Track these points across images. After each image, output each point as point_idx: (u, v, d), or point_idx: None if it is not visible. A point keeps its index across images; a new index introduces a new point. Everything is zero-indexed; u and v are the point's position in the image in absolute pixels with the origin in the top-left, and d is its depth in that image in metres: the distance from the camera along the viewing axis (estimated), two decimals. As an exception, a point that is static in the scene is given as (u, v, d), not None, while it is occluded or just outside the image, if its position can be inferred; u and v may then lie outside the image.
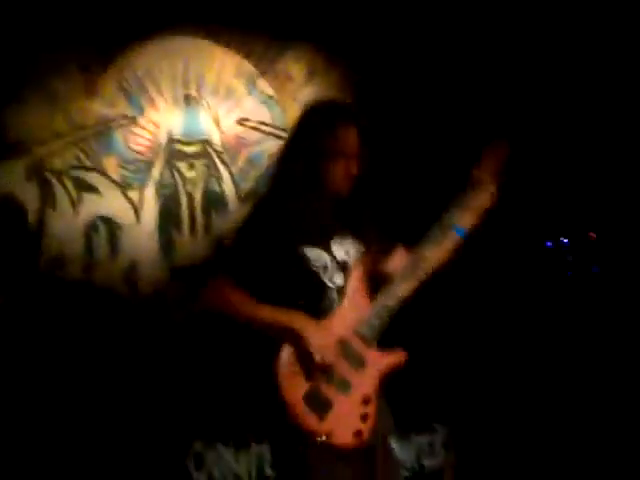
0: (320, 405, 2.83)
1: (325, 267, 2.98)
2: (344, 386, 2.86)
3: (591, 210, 5.38)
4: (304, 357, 2.83)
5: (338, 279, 2.99)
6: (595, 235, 5.27)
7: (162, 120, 5.63)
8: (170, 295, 5.44)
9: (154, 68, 5.63)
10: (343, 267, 3.01)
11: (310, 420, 2.82)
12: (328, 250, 3.01)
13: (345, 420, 2.84)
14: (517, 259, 5.45)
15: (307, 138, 3.07)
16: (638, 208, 5.36)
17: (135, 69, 5.60)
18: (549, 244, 5.33)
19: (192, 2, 5.55)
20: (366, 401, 2.89)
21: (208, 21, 5.64)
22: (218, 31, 5.68)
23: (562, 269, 5.29)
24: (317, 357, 2.82)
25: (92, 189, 5.51)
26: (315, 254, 2.99)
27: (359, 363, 2.89)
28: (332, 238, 3.05)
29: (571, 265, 5.26)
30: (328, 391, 2.85)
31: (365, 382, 2.90)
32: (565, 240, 5.28)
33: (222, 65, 5.70)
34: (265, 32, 5.70)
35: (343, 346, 2.88)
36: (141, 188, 5.57)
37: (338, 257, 3.02)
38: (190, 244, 5.58)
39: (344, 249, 3.04)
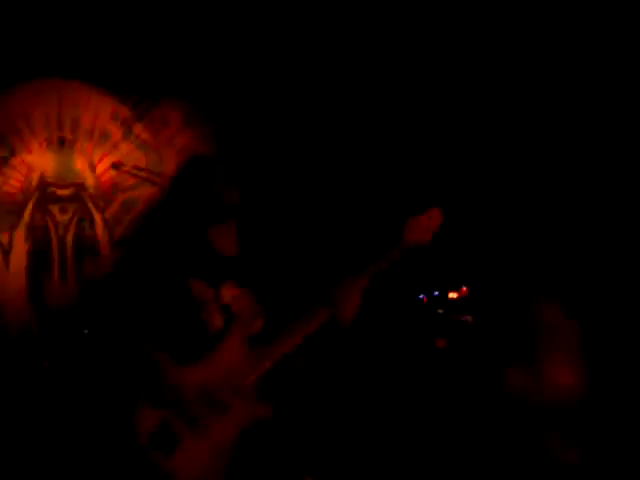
0: (167, 442, 2.80)
1: (204, 304, 2.97)
2: (198, 429, 2.83)
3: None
4: (158, 390, 2.81)
5: (218, 321, 2.98)
6: (467, 288, 5.38)
7: (35, 162, 5.53)
8: (38, 343, 5.33)
9: (28, 109, 5.54)
10: (225, 310, 3.00)
11: (154, 454, 2.79)
12: (215, 289, 3.00)
13: (191, 463, 2.82)
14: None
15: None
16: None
17: (9, 109, 5.50)
18: (421, 297, 5.43)
19: (69, 43, 5.50)
20: (219, 449, 2.86)
21: (85, 63, 5.59)
22: (95, 73, 5.63)
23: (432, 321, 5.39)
24: (168, 393, 2.79)
25: (-41, 230, 5.39)
26: (199, 288, 2.98)
27: (220, 410, 2.86)
28: (225, 280, 3.04)
29: (441, 317, 5.37)
30: (180, 431, 2.81)
31: (224, 430, 2.87)
32: (435, 293, 5.39)
33: (98, 108, 5.65)
34: (143, 77, 5.68)
35: (206, 391, 2.85)
36: (11, 230, 5.46)
37: (222, 299, 3.01)
38: (60, 289, 5.48)
39: (233, 294, 3.03)
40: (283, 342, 2.97)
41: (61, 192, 5.57)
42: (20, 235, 5.47)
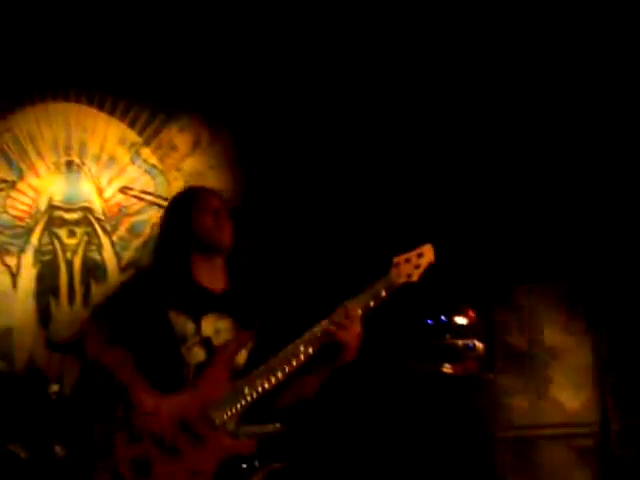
0: (143, 469, 2.80)
1: (184, 338, 2.96)
2: (175, 457, 2.82)
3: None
4: (134, 419, 2.81)
5: (198, 355, 2.97)
6: (474, 313, 5.39)
7: (42, 185, 5.53)
8: (45, 367, 5.34)
9: (35, 132, 5.54)
10: (206, 344, 2.98)
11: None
12: (196, 322, 2.99)
13: None
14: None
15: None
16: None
17: (16, 133, 5.50)
18: (430, 321, 5.43)
19: (77, 68, 5.53)
20: (196, 475, 2.85)
21: (92, 87, 5.62)
22: (102, 98, 5.66)
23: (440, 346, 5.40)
24: (141, 422, 2.79)
25: (-33, 254, 5.40)
26: (180, 321, 2.97)
27: (199, 442, 2.85)
28: (206, 313, 3.03)
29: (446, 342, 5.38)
30: (156, 459, 2.81)
31: (202, 460, 2.86)
32: (443, 318, 5.40)
33: (106, 132, 5.65)
34: (150, 101, 5.70)
35: (184, 423, 2.84)
36: (19, 254, 5.45)
37: (203, 332, 3.00)
38: (68, 313, 5.48)
39: (215, 327, 3.01)
40: (263, 379, 2.95)
41: (69, 216, 5.58)
42: (28, 259, 5.47)
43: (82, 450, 4.82)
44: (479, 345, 5.37)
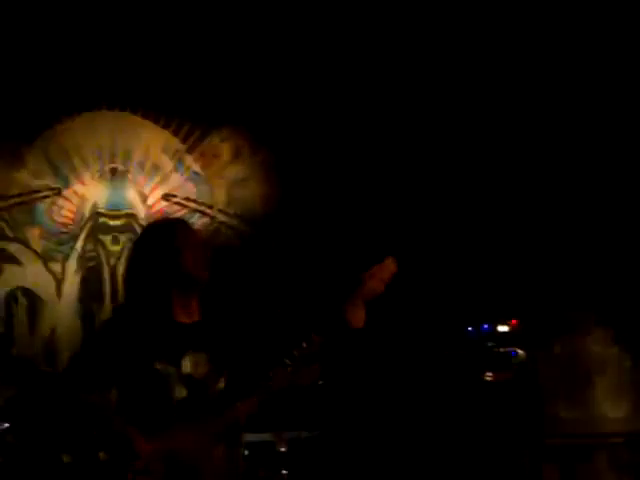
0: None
1: (167, 379, 2.96)
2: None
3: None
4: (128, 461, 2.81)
5: (181, 392, 2.98)
6: (516, 322, 5.38)
7: (87, 193, 5.62)
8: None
9: (81, 141, 5.64)
10: (187, 381, 2.99)
11: None
12: (177, 365, 2.99)
13: None
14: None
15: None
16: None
17: (62, 141, 5.60)
18: (470, 330, 5.43)
19: (121, 79, 5.60)
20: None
21: (137, 98, 5.69)
22: (146, 108, 5.73)
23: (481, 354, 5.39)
24: (137, 464, 2.80)
25: (13, 260, 5.47)
26: (161, 366, 2.97)
27: (190, 476, 2.87)
28: (185, 353, 3.02)
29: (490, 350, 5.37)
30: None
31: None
32: (485, 326, 5.39)
33: (150, 140, 5.73)
34: (193, 110, 5.77)
35: (173, 458, 2.85)
36: (64, 260, 5.54)
37: (184, 371, 2.99)
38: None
39: (193, 362, 3.01)
40: (237, 409, 2.98)
41: (113, 222, 5.65)
42: (72, 265, 5.55)
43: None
44: (521, 353, 5.36)
